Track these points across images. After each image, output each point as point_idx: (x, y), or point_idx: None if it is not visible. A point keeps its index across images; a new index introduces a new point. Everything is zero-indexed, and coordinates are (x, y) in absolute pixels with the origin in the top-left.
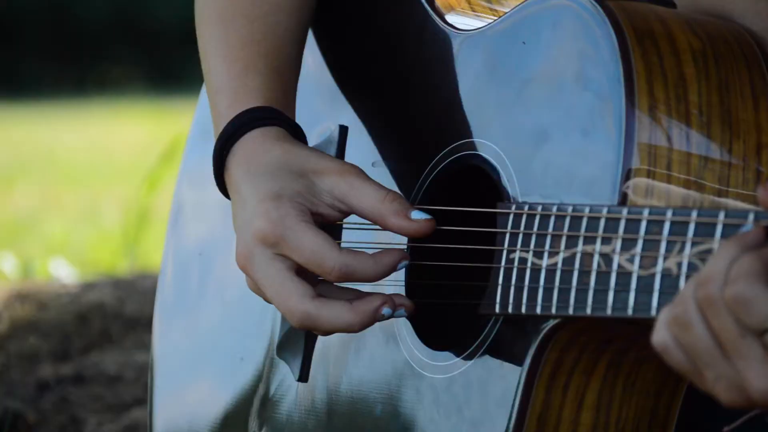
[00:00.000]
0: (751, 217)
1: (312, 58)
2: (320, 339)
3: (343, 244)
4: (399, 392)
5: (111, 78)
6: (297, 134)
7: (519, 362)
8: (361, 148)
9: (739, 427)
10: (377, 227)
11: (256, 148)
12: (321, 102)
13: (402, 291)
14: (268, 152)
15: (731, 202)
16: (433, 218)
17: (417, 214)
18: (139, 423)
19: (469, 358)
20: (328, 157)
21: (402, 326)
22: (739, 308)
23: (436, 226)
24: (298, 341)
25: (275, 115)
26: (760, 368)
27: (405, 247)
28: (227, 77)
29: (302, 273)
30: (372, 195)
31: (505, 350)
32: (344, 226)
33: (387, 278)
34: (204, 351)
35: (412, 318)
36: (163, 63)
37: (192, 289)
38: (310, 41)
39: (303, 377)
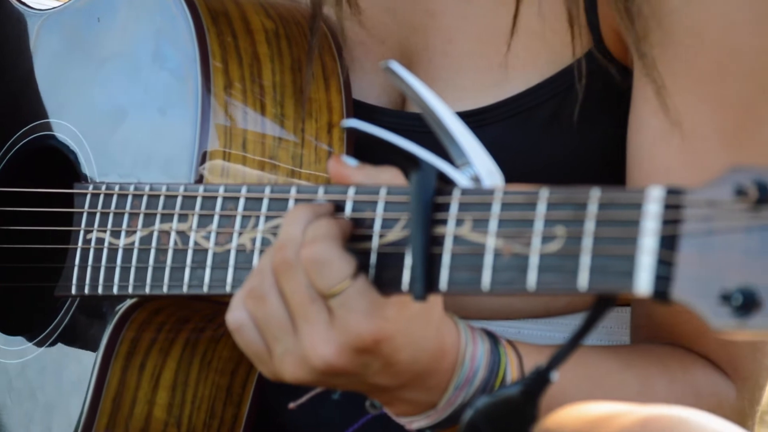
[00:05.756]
0: (321, 191)
1: None
2: None
3: None
4: None
5: None
6: None
7: (95, 343)
8: None
9: (307, 404)
10: None
11: None
12: None
13: None
14: None
15: (304, 183)
16: None
17: None
18: None
19: (44, 341)
20: None
21: None
22: (314, 269)
23: None
24: None
25: None
26: (324, 333)
27: None
28: None
29: None
30: None
31: (81, 332)
32: None
33: None
34: None
35: None
36: None
37: None
38: None
39: None
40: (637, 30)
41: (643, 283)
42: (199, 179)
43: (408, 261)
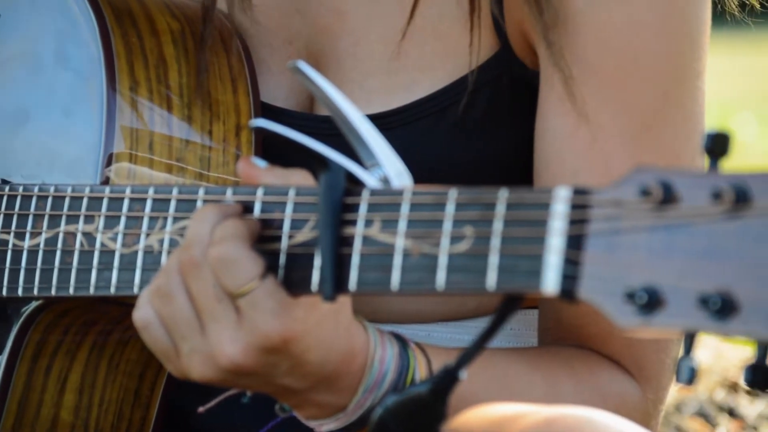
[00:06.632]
0: (229, 192)
1: None
2: None
3: None
4: None
5: None
6: None
7: (0, 345)
8: None
9: (216, 408)
10: None
11: None
12: None
13: None
14: None
15: (212, 185)
16: None
17: None
18: None
19: None
20: None
21: None
22: (222, 269)
23: None
24: None
25: None
26: (231, 332)
27: None
28: None
29: None
30: None
31: None
32: None
33: None
34: None
35: None
36: None
37: None
38: None
39: None
40: (545, 19)
41: (550, 282)
42: (105, 181)
43: (317, 262)
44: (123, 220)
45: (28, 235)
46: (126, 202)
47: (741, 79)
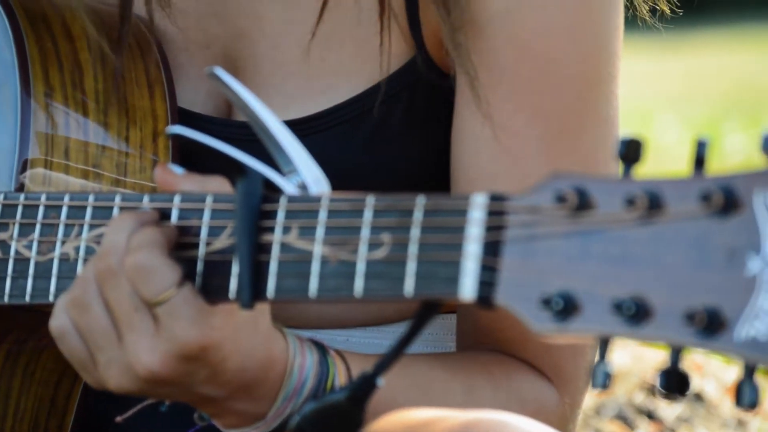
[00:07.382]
0: (146, 199)
1: None
2: None
3: None
4: None
5: None
6: None
7: None
8: None
9: (134, 417)
10: None
11: None
12: None
13: None
14: None
15: (129, 191)
16: None
17: None
18: None
19: None
20: None
21: None
22: (139, 277)
23: None
24: None
25: None
26: (148, 341)
27: None
28: None
29: None
30: None
31: None
32: None
33: None
34: None
35: None
36: None
37: None
38: None
39: None
40: (452, 20)
41: (468, 289)
42: (20, 188)
43: (235, 269)
44: (38, 227)
45: None
46: (41, 210)
47: (662, 83)
